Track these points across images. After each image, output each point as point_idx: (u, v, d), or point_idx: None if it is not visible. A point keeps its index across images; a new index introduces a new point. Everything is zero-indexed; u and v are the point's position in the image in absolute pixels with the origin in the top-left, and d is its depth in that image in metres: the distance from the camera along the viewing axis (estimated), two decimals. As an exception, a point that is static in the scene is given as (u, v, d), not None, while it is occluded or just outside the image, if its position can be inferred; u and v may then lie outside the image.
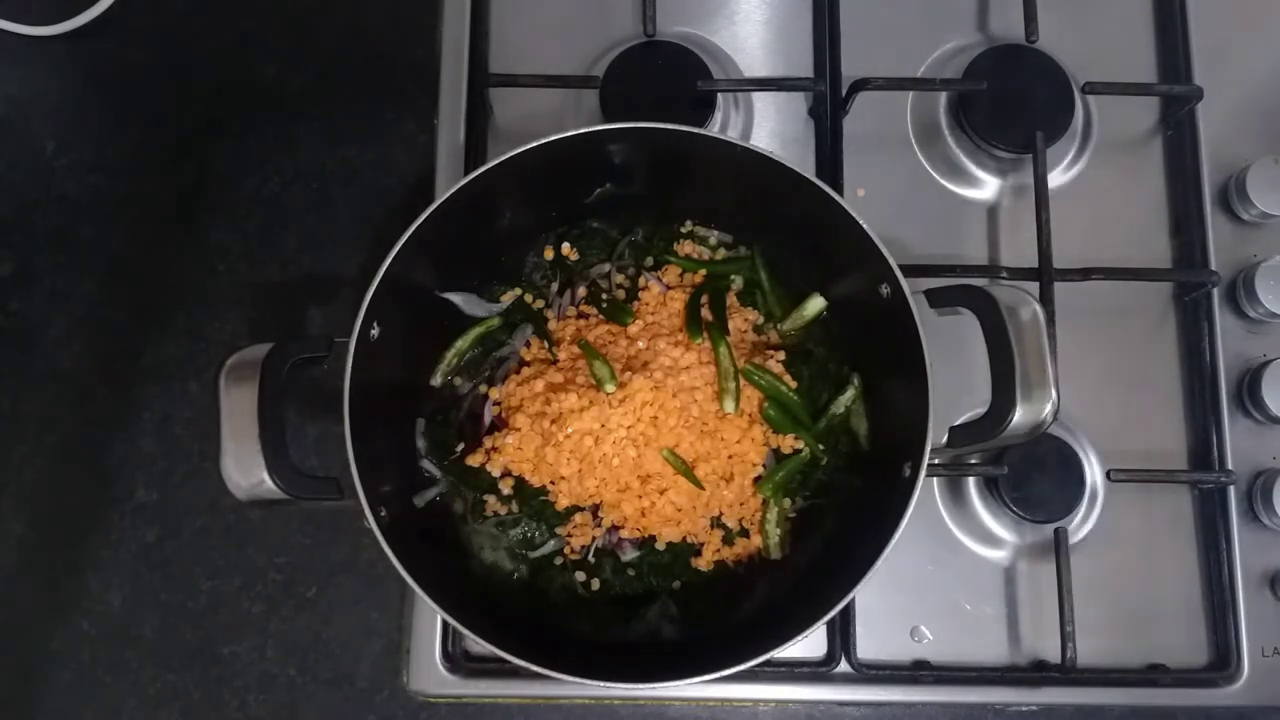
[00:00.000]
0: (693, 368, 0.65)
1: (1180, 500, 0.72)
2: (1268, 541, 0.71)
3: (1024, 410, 0.55)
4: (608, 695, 0.67)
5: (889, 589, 0.69)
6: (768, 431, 0.66)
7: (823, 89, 0.75)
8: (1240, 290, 0.73)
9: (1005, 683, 0.67)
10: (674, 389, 0.64)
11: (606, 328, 0.68)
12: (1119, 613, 0.70)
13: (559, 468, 0.64)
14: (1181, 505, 0.72)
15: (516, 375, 0.67)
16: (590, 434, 0.64)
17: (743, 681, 0.66)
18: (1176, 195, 0.76)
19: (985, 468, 0.69)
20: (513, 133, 0.76)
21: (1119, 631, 0.70)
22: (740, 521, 0.66)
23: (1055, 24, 0.76)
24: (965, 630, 0.69)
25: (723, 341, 0.65)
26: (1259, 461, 0.72)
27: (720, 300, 0.68)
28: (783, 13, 0.79)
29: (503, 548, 0.66)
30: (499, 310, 0.69)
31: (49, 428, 0.73)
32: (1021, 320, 0.56)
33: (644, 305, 0.68)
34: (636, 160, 0.64)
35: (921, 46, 0.79)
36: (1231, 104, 0.77)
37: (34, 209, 0.76)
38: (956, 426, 0.60)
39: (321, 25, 0.80)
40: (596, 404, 0.63)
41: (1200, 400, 0.72)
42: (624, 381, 0.64)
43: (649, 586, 0.66)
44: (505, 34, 0.78)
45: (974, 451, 0.69)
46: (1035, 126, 0.74)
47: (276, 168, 0.77)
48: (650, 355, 0.65)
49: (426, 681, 0.67)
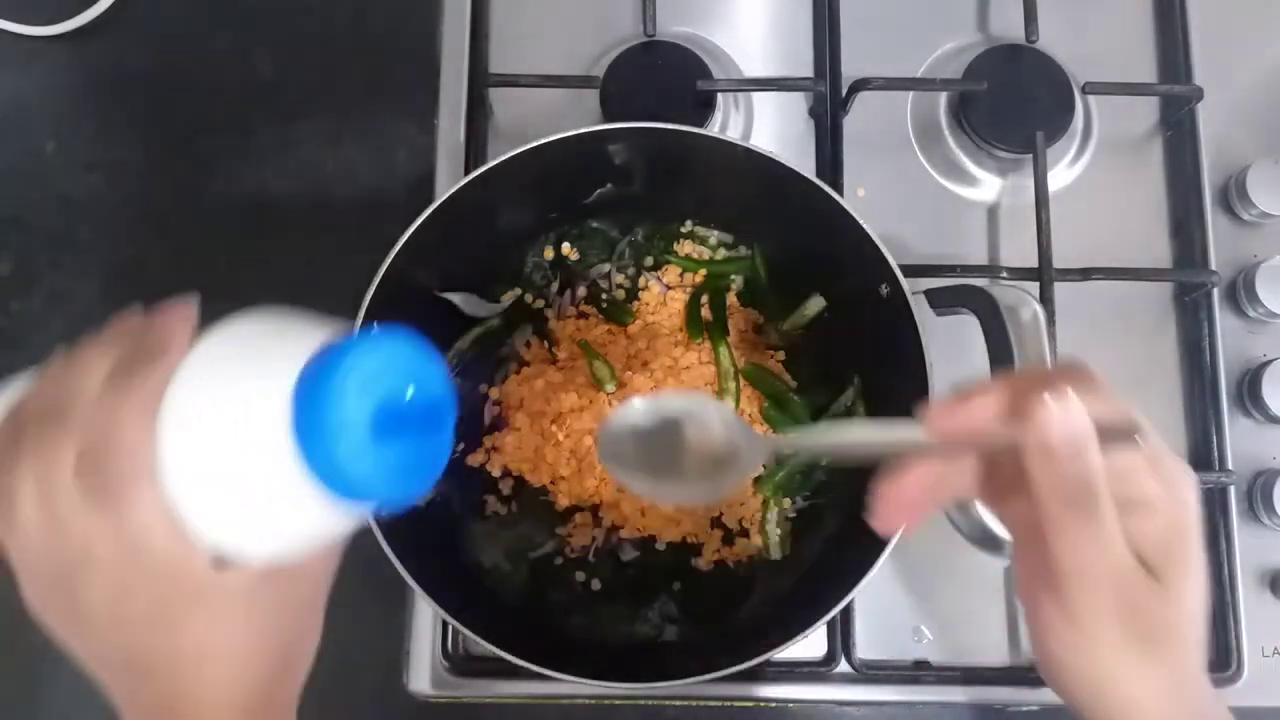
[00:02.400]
0: (693, 368, 0.65)
1: (1180, 500, 0.72)
2: (1268, 541, 0.71)
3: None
4: (608, 695, 0.67)
5: (889, 589, 0.69)
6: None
7: (823, 89, 0.75)
8: (1240, 290, 0.73)
9: (1005, 683, 0.67)
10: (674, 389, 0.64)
11: (606, 328, 0.68)
12: (1119, 613, 0.70)
13: (558, 467, 0.64)
14: (1181, 505, 0.72)
15: (516, 375, 0.67)
16: (590, 433, 0.64)
17: (742, 681, 0.66)
18: (1176, 195, 0.76)
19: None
20: (513, 133, 0.76)
21: (1119, 631, 0.70)
22: (740, 521, 0.66)
23: (1055, 24, 0.76)
24: (966, 630, 0.69)
25: (723, 341, 0.66)
26: (1259, 461, 0.72)
27: (720, 300, 0.68)
28: (783, 13, 0.79)
29: (503, 548, 0.66)
30: (499, 310, 0.69)
31: (49, 428, 0.73)
32: (1021, 320, 0.56)
33: (644, 305, 0.69)
34: (636, 160, 0.64)
35: (921, 46, 0.79)
36: (1231, 104, 0.77)
37: (34, 209, 0.76)
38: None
39: (321, 25, 0.80)
40: (596, 403, 0.63)
41: (1200, 400, 0.72)
42: (624, 381, 0.64)
43: (649, 586, 0.66)
44: (505, 34, 0.78)
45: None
46: (1035, 126, 0.73)
47: (276, 168, 0.77)
48: (650, 355, 0.66)
49: (426, 681, 0.67)
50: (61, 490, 0.35)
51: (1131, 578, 0.41)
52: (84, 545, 0.35)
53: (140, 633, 0.37)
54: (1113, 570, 0.40)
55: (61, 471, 0.35)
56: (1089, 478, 0.39)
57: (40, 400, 0.37)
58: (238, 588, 0.38)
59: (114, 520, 0.35)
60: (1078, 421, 0.39)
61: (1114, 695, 0.43)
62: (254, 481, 0.34)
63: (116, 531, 0.35)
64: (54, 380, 0.37)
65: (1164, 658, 0.42)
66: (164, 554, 0.35)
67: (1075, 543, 0.40)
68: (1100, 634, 0.41)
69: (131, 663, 0.39)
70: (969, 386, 0.42)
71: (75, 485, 0.35)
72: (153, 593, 0.36)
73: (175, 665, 0.38)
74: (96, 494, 0.34)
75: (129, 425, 0.35)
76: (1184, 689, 0.43)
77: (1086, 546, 0.40)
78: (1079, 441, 0.39)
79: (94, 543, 0.35)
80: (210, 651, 0.38)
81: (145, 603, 0.36)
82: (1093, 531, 0.40)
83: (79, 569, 0.36)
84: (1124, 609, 0.41)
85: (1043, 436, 0.39)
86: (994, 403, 0.41)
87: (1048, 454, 0.39)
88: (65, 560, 0.36)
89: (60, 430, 0.35)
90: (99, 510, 0.34)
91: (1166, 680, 0.42)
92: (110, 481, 0.34)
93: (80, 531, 0.35)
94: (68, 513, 0.35)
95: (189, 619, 0.37)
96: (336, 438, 0.32)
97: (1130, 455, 0.41)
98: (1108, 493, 0.40)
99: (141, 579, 0.36)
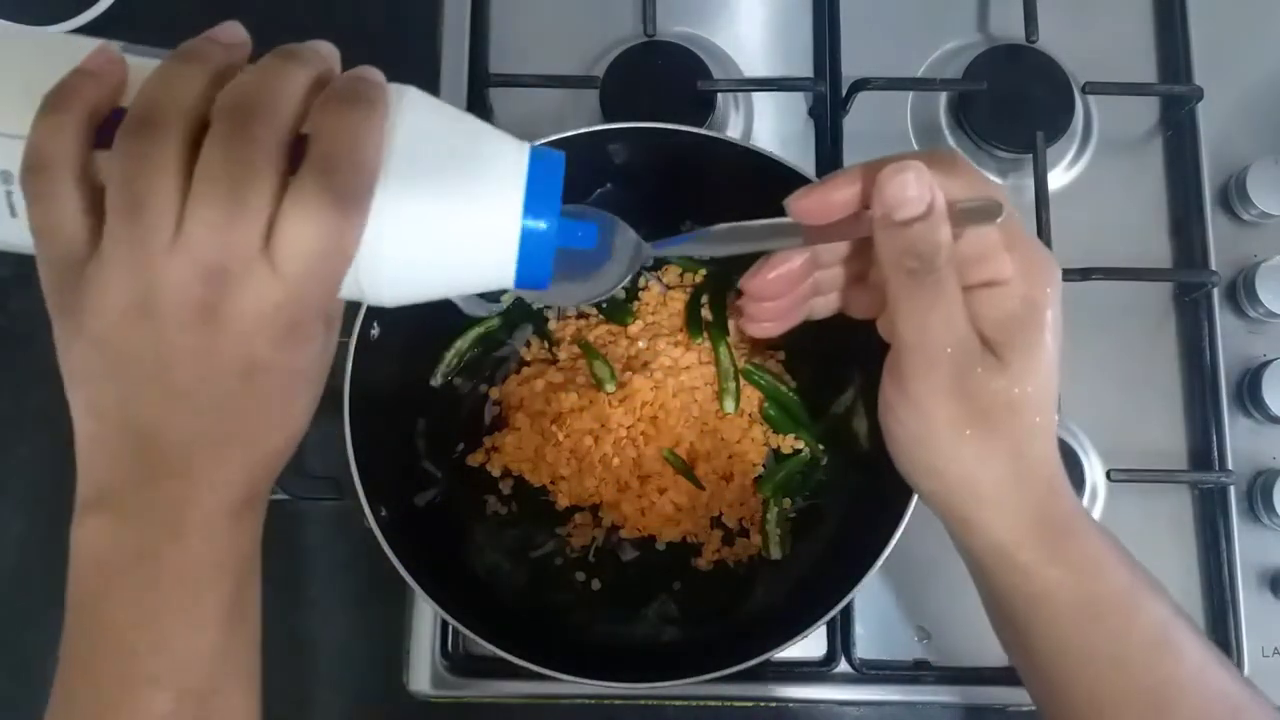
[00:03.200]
0: (693, 368, 0.65)
1: (1180, 500, 0.72)
2: (1268, 541, 0.71)
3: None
4: (608, 695, 0.67)
5: (889, 589, 0.69)
6: (768, 431, 0.66)
7: (823, 89, 0.75)
8: (1240, 290, 0.73)
9: (1006, 682, 0.67)
10: (674, 389, 0.64)
11: (606, 328, 0.68)
12: (1119, 613, 0.70)
13: (558, 467, 0.64)
14: (1181, 505, 0.72)
15: (516, 375, 0.67)
16: (590, 434, 0.64)
17: (743, 681, 0.66)
18: (1176, 195, 0.76)
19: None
20: (513, 133, 0.76)
21: (1119, 631, 0.70)
22: (740, 521, 0.66)
23: (1055, 24, 0.76)
24: (966, 630, 0.69)
25: (723, 341, 0.66)
26: (1259, 461, 0.72)
27: (720, 300, 0.68)
28: (783, 13, 0.79)
29: (503, 548, 0.66)
30: (499, 310, 0.69)
31: (49, 428, 0.72)
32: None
33: (644, 305, 0.68)
34: (636, 160, 0.64)
35: (921, 46, 0.79)
36: (1231, 104, 0.77)
37: (34, 209, 0.76)
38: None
39: (321, 25, 0.80)
40: (596, 403, 0.63)
41: (1200, 400, 0.72)
42: (624, 381, 0.64)
43: (649, 586, 0.66)
44: (505, 34, 0.78)
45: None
46: (1035, 126, 0.74)
47: (276, 168, 0.77)
48: (650, 355, 0.66)
49: (426, 681, 0.67)
50: (257, 197, 0.32)
51: (968, 353, 0.40)
52: (245, 258, 0.32)
53: (201, 388, 0.35)
54: (950, 344, 0.40)
55: (269, 177, 0.32)
56: (929, 247, 0.39)
57: (239, 91, 0.33)
58: (307, 369, 0.37)
59: (319, 228, 0.32)
60: (917, 189, 0.39)
61: (953, 477, 0.42)
62: (454, 230, 0.35)
63: (318, 237, 0.32)
64: (247, 78, 0.34)
65: (1001, 437, 0.41)
66: (306, 298, 0.34)
67: (912, 314, 0.40)
68: (934, 409, 0.41)
69: (163, 421, 0.35)
70: (832, 173, 0.42)
71: (297, 189, 0.32)
72: (256, 346, 0.34)
73: (205, 434, 0.36)
74: (328, 194, 0.32)
75: (371, 144, 0.33)
76: (1027, 477, 0.42)
77: (922, 317, 0.40)
78: (917, 208, 0.39)
79: (254, 263, 0.32)
80: (244, 430, 0.37)
81: (231, 356, 0.34)
82: (930, 302, 0.40)
83: (225, 283, 0.33)
84: (959, 383, 0.40)
85: (885, 204, 0.39)
86: (854, 181, 0.41)
87: (889, 221, 0.39)
88: (202, 279, 0.32)
89: (271, 129, 0.32)
90: (315, 215, 0.32)
91: (1005, 465, 0.42)
92: (349, 189, 0.33)
93: (244, 242, 0.32)
94: (256, 208, 0.32)
95: (250, 387, 0.35)
96: (549, 228, 0.36)
97: (988, 236, 0.40)
98: (952, 268, 0.40)
99: (261, 316, 0.33)
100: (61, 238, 0.34)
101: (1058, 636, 0.44)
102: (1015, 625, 0.46)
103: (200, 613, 0.38)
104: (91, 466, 0.37)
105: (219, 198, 0.32)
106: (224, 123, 0.33)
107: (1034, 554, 0.43)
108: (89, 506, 0.37)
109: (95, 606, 0.37)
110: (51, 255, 0.35)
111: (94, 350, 0.35)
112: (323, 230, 0.32)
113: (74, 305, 0.35)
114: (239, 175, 0.32)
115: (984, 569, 0.45)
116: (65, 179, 0.33)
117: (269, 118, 0.33)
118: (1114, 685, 0.43)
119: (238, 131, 0.32)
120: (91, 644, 0.37)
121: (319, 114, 0.34)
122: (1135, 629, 0.43)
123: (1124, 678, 0.43)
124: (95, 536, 0.36)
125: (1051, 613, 0.43)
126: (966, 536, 0.45)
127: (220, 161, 0.32)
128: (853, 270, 0.46)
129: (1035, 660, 0.46)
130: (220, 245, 0.32)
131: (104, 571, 0.36)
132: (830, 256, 0.46)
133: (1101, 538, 0.44)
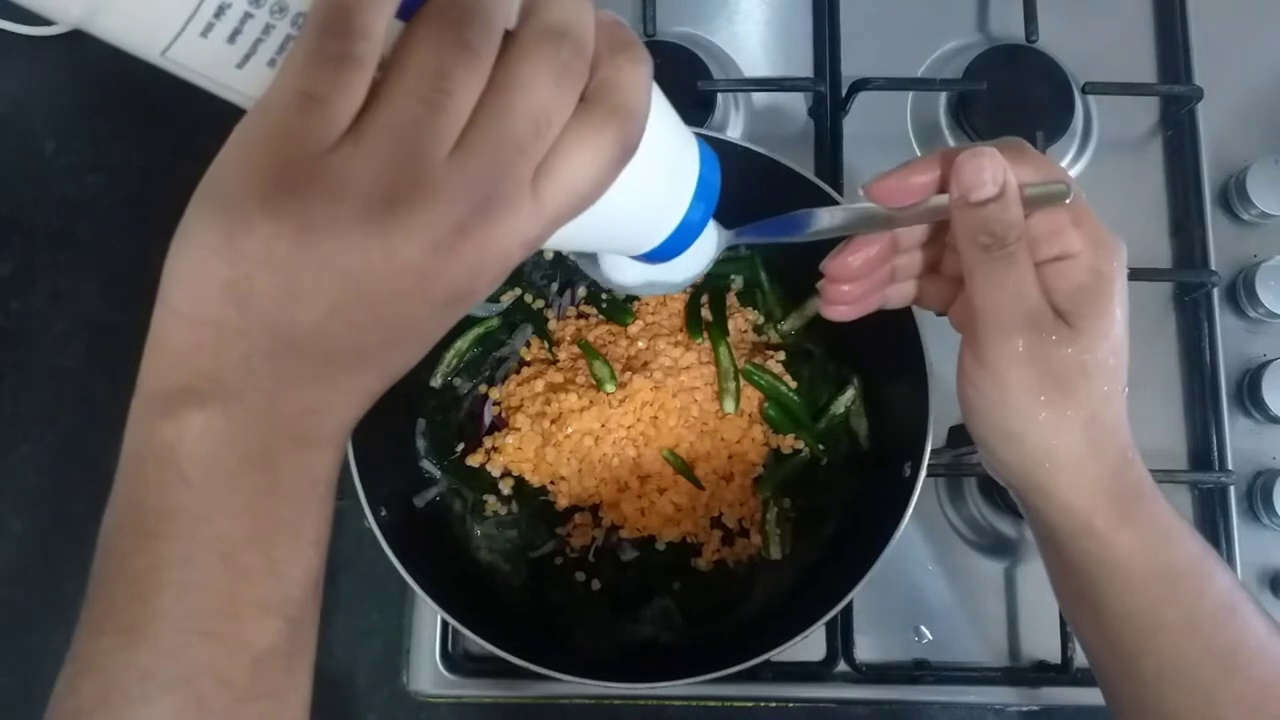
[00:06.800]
0: (693, 368, 0.65)
1: (1180, 500, 0.72)
2: (1268, 541, 0.71)
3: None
4: (608, 695, 0.67)
5: (889, 589, 0.69)
6: (768, 431, 0.66)
7: (823, 89, 0.75)
8: (1240, 290, 0.73)
9: (1005, 683, 0.67)
10: (674, 389, 0.64)
11: (606, 328, 0.68)
12: (1119, 613, 0.70)
13: (559, 468, 0.64)
14: (1181, 505, 0.72)
15: (516, 375, 0.67)
16: (590, 434, 0.64)
17: (743, 681, 0.66)
18: (1176, 195, 0.76)
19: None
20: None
21: (1119, 631, 0.70)
22: (740, 521, 0.66)
23: (1055, 24, 0.76)
24: (965, 630, 0.69)
25: (723, 341, 0.66)
26: (1259, 461, 0.72)
27: (720, 300, 0.68)
28: (783, 13, 0.79)
29: (503, 548, 0.66)
30: (499, 310, 0.69)
31: (49, 428, 0.73)
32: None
33: (644, 305, 0.68)
34: (636, 160, 0.64)
35: (921, 46, 0.79)
36: (1231, 104, 0.77)
37: (34, 209, 0.76)
38: (956, 426, 0.60)
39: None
40: (596, 404, 0.63)
41: (1200, 400, 0.72)
42: (624, 381, 0.64)
43: (649, 586, 0.66)
44: (505, 34, 0.78)
45: (974, 451, 0.68)
46: (1035, 126, 0.73)
47: (276, 168, 0.77)
48: (650, 355, 0.66)
49: (426, 681, 0.67)
50: (555, 125, 0.30)
51: (1041, 321, 0.43)
52: (519, 182, 0.30)
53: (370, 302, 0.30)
54: (1023, 313, 0.42)
55: (569, 108, 0.30)
56: (1002, 225, 0.41)
57: (559, 14, 0.30)
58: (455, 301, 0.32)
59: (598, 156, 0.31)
60: (992, 171, 0.41)
61: (1031, 443, 0.44)
62: (638, 200, 0.36)
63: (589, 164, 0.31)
64: (563, 3, 0.31)
65: (1075, 403, 0.43)
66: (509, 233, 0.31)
67: (986, 286, 0.42)
68: (1010, 375, 0.43)
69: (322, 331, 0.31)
70: (909, 161, 0.44)
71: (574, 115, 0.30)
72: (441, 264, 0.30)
73: (370, 349, 0.32)
74: (618, 137, 0.31)
75: (648, 100, 0.33)
76: (1101, 443, 0.44)
77: (996, 289, 0.42)
78: (991, 190, 0.41)
79: (522, 191, 0.30)
80: (402, 350, 0.34)
81: (413, 276, 0.30)
82: (1003, 274, 0.42)
83: (489, 210, 0.30)
84: (1033, 350, 0.42)
85: (962, 186, 0.42)
86: (933, 166, 0.43)
87: (965, 202, 0.42)
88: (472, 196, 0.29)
89: (583, 61, 0.31)
90: (599, 154, 0.31)
91: (1079, 431, 0.43)
92: (632, 138, 0.32)
93: (526, 165, 0.30)
94: (548, 137, 0.30)
95: (442, 315, 0.32)
96: (704, 218, 0.39)
97: (1058, 214, 0.43)
98: (1024, 244, 0.42)
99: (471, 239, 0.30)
100: (328, 112, 0.28)
101: (1130, 604, 0.45)
102: (1086, 595, 0.46)
103: (309, 534, 0.34)
104: (197, 355, 0.31)
105: (522, 115, 0.29)
106: (545, 42, 0.30)
107: (1109, 519, 0.44)
108: (187, 398, 0.31)
109: (197, 514, 0.31)
110: (294, 126, 0.29)
111: (294, 240, 0.29)
112: (599, 171, 0.31)
113: (289, 183, 0.29)
114: (548, 99, 0.30)
115: (1058, 537, 0.46)
116: (369, 50, 0.28)
117: (582, 50, 0.30)
118: (1183, 651, 0.44)
119: (555, 55, 0.30)
120: (189, 556, 0.31)
121: (618, 57, 0.32)
122: (1206, 596, 0.44)
123: (1193, 643, 0.44)
124: (199, 435, 0.31)
125: (1125, 579, 0.44)
126: (1043, 504, 0.45)
127: (533, 82, 0.29)
128: (928, 258, 0.48)
129: (1105, 631, 0.46)
130: (503, 166, 0.29)
131: (211, 476, 0.31)
132: (908, 242, 0.47)
133: (1170, 508, 0.45)
